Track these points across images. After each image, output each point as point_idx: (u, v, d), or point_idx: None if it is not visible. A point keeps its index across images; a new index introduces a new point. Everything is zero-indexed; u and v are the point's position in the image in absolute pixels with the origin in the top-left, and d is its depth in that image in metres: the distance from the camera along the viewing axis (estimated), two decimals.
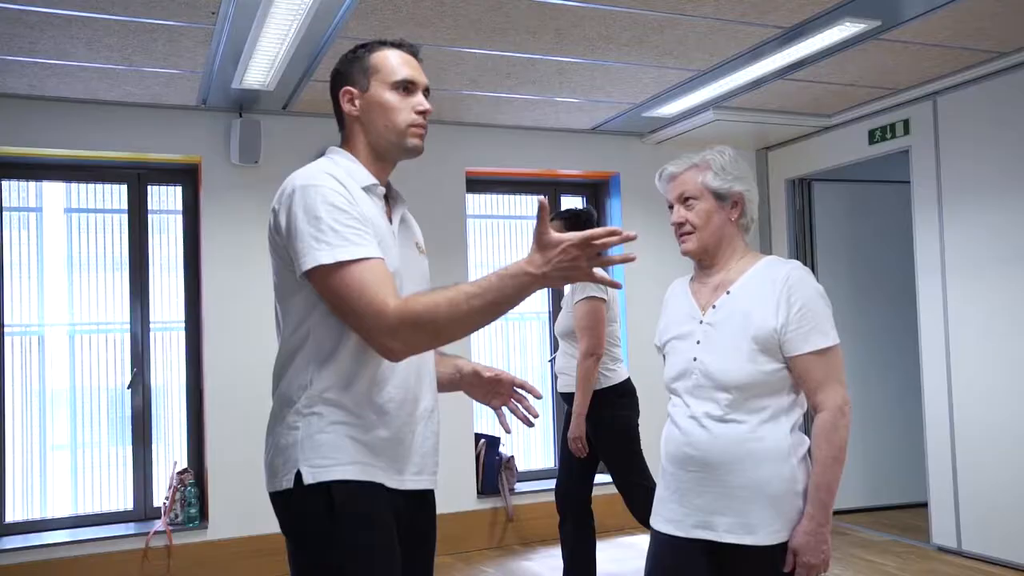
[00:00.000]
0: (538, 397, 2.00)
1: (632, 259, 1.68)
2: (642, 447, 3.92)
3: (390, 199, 1.99)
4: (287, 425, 1.78)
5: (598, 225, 4.21)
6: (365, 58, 1.92)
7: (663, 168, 2.28)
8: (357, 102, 1.91)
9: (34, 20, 3.51)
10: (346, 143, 1.94)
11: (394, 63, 1.91)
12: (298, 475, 1.73)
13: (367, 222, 1.76)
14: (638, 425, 3.95)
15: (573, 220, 4.04)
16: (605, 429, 3.85)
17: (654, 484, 3.78)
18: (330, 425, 1.76)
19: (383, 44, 1.94)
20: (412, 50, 1.96)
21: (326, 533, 1.73)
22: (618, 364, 3.95)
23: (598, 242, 1.60)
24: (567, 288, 4.06)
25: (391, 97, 1.89)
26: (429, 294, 1.69)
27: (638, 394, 4.04)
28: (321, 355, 1.77)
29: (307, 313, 1.78)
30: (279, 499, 1.79)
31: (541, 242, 1.62)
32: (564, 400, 4.10)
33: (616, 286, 1.77)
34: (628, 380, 3.98)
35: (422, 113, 1.91)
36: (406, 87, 1.90)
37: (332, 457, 1.74)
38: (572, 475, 4.01)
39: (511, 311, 1.70)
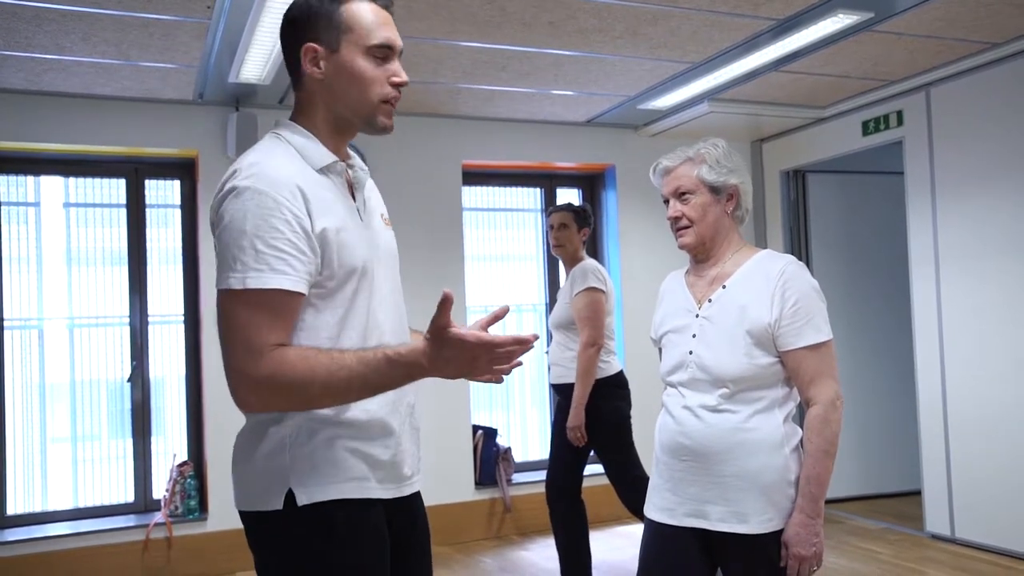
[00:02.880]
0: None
1: (519, 364, 1.56)
2: (638, 437, 3.95)
3: (350, 172, 1.74)
4: (271, 441, 1.59)
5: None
6: (335, 10, 1.61)
7: (657, 162, 2.29)
8: (322, 63, 1.62)
9: (30, 15, 3.53)
10: (302, 112, 1.68)
11: (371, 21, 1.63)
12: (290, 495, 1.56)
13: (316, 237, 1.55)
14: (630, 416, 3.99)
15: (582, 215, 4.09)
16: (598, 420, 3.88)
17: (646, 475, 3.83)
18: (324, 439, 1.59)
19: None
20: (385, 1, 1.68)
21: (319, 556, 1.57)
22: (612, 356, 3.98)
23: (502, 351, 1.48)
24: (565, 280, 4.09)
25: (365, 65, 1.62)
26: (310, 358, 1.48)
27: (633, 386, 4.07)
28: None
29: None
30: (261, 519, 1.60)
31: (441, 337, 1.46)
32: (556, 391, 4.13)
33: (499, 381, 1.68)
34: (621, 372, 4.01)
35: (398, 85, 1.66)
36: (384, 54, 1.64)
37: (329, 475, 1.58)
38: (563, 466, 4.04)
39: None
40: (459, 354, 1.47)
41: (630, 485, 3.85)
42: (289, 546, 1.58)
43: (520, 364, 1.57)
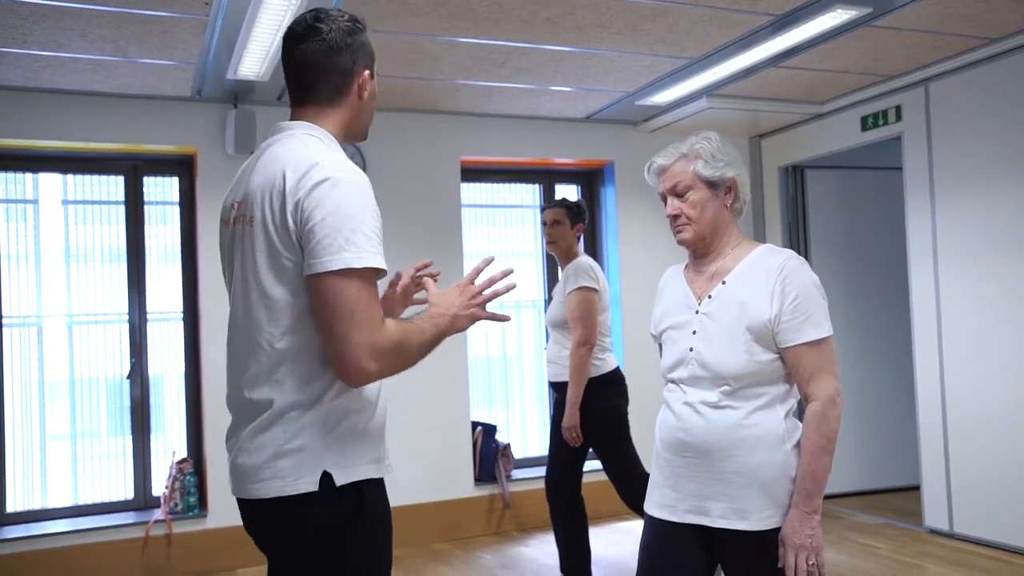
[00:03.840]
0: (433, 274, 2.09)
1: (500, 293, 1.88)
2: (638, 434, 3.95)
3: None
4: (296, 426, 1.66)
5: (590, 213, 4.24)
6: (369, 41, 1.83)
7: (651, 161, 2.27)
8: (367, 88, 1.83)
9: (27, 11, 3.52)
10: (321, 118, 1.80)
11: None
12: (325, 476, 1.65)
13: (381, 225, 1.73)
14: (627, 413, 3.99)
15: (575, 211, 4.09)
16: (595, 418, 3.88)
17: (645, 472, 3.84)
18: (347, 422, 1.70)
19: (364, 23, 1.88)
20: None
21: (361, 531, 1.70)
22: (607, 354, 3.97)
23: (473, 286, 1.86)
24: (559, 278, 4.09)
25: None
26: (402, 326, 1.72)
27: (632, 382, 4.07)
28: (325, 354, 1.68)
29: (308, 312, 1.67)
30: (299, 501, 1.66)
31: (442, 294, 1.86)
32: (554, 389, 4.13)
33: (505, 319, 1.95)
34: (617, 369, 4.01)
35: None
36: None
37: (359, 456, 1.70)
38: (562, 463, 4.04)
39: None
40: (451, 299, 1.82)
41: (629, 482, 3.85)
42: (331, 524, 1.68)
43: (501, 292, 1.88)
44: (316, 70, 1.78)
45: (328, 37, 1.76)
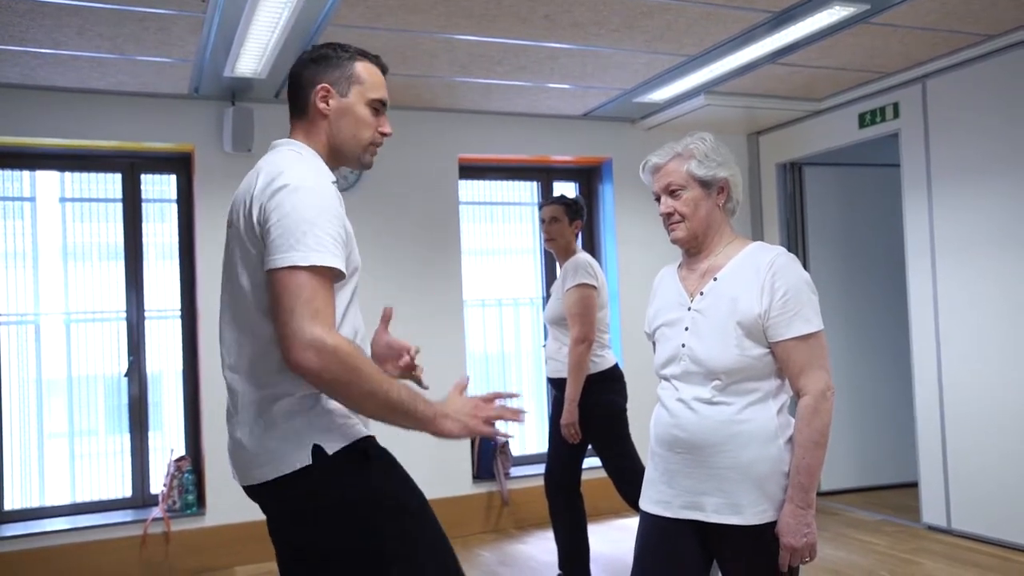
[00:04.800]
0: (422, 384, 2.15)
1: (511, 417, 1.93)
2: (636, 431, 3.96)
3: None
4: (285, 414, 1.80)
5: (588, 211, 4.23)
6: (348, 64, 1.96)
7: (646, 160, 2.29)
8: (331, 102, 1.95)
9: (24, 8, 3.52)
10: (305, 136, 1.97)
11: (376, 81, 1.99)
12: (316, 449, 1.78)
13: (347, 234, 1.82)
14: (626, 410, 3.99)
15: (573, 208, 4.09)
16: (594, 415, 3.88)
17: (643, 468, 3.84)
18: (325, 404, 1.82)
19: (364, 55, 2.00)
20: (385, 69, 2.04)
21: (373, 489, 1.83)
22: (606, 350, 3.98)
23: (486, 404, 1.90)
24: (557, 275, 4.09)
25: (364, 112, 1.97)
26: (363, 355, 1.77)
27: (630, 380, 4.07)
28: None
29: None
30: (300, 476, 1.78)
31: (454, 397, 1.88)
32: (553, 386, 4.13)
33: (506, 437, 2.04)
34: (616, 366, 4.01)
35: (384, 135, 2.03)
36: (379, 107, 2.00)
37: (343, 424, 1.83)
38: (561, 460, 4.05)
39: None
40: (455, 401, 1.86)
41: (628, 478, 3.85)
42: (340, 488, 1.80)
43: (507, 418, 1.94)
44: (291, 82, 2.00)
45: (306, 53, 1.99)
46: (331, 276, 1.75)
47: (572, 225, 4.07)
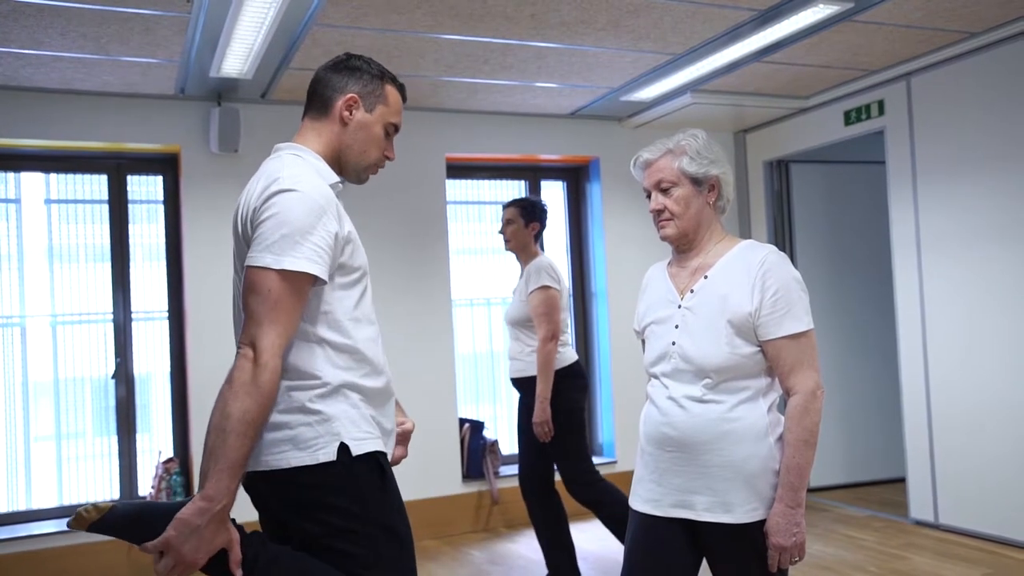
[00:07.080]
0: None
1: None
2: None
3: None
4: (305, 408, 1.82)
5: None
6: (379, 84, 2.01)
7: (637, 155, 2.28)
8: (356, 113, 1.98)
9: (7, 9, 3.49)
10: (316, 136, 1.99)
11: (398, 107, 2.05)
12: (343, 448, 1.81)
13: (342, 238, 1.84)
14: (583, 408, 4.03)
15: (529, 210, 4.09)
16: (559, 411, 3.89)
17: (594, 468, 3.91)
18: (353, 403, 1.87)
19: (394, 80, 2.06)
20: (406, 99, 2.10)
21: (380, 497, 1.87)
22: (566, 348, 4.01)
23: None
24: (519, 278, 4.11)
25: (380, 133, 2.02)
26: (272, 388, 1.76)
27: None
28: (335, 346, 1.86)
29: (314, 310, 1.84)
30: (320, 470, 1.79)
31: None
32: (517, 386, 4.13)
33: None
34: (577, 362, 4.04)
35: (388, 159, 2.08)
36: (391, 132, 2.05)
37: (368, 431, 1.87)
38: (532, 459, 4.05)
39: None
40: (211, 537, 1.69)
41: (582, 479, 3.88)
42: (356, 489, 1.84)
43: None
44: (317, 82, 2.02)
45: (340, 59, 2.03)
46: (306, 281, 1.77)
47: (528, 227, 4.07)
